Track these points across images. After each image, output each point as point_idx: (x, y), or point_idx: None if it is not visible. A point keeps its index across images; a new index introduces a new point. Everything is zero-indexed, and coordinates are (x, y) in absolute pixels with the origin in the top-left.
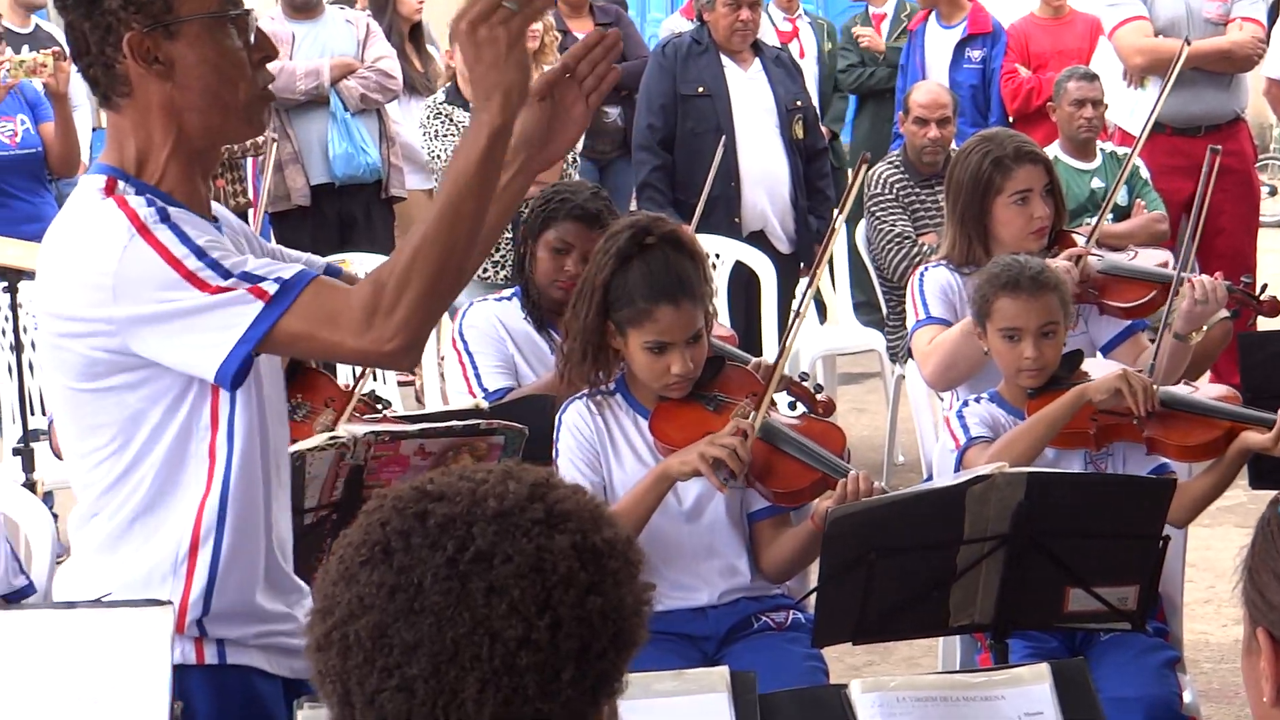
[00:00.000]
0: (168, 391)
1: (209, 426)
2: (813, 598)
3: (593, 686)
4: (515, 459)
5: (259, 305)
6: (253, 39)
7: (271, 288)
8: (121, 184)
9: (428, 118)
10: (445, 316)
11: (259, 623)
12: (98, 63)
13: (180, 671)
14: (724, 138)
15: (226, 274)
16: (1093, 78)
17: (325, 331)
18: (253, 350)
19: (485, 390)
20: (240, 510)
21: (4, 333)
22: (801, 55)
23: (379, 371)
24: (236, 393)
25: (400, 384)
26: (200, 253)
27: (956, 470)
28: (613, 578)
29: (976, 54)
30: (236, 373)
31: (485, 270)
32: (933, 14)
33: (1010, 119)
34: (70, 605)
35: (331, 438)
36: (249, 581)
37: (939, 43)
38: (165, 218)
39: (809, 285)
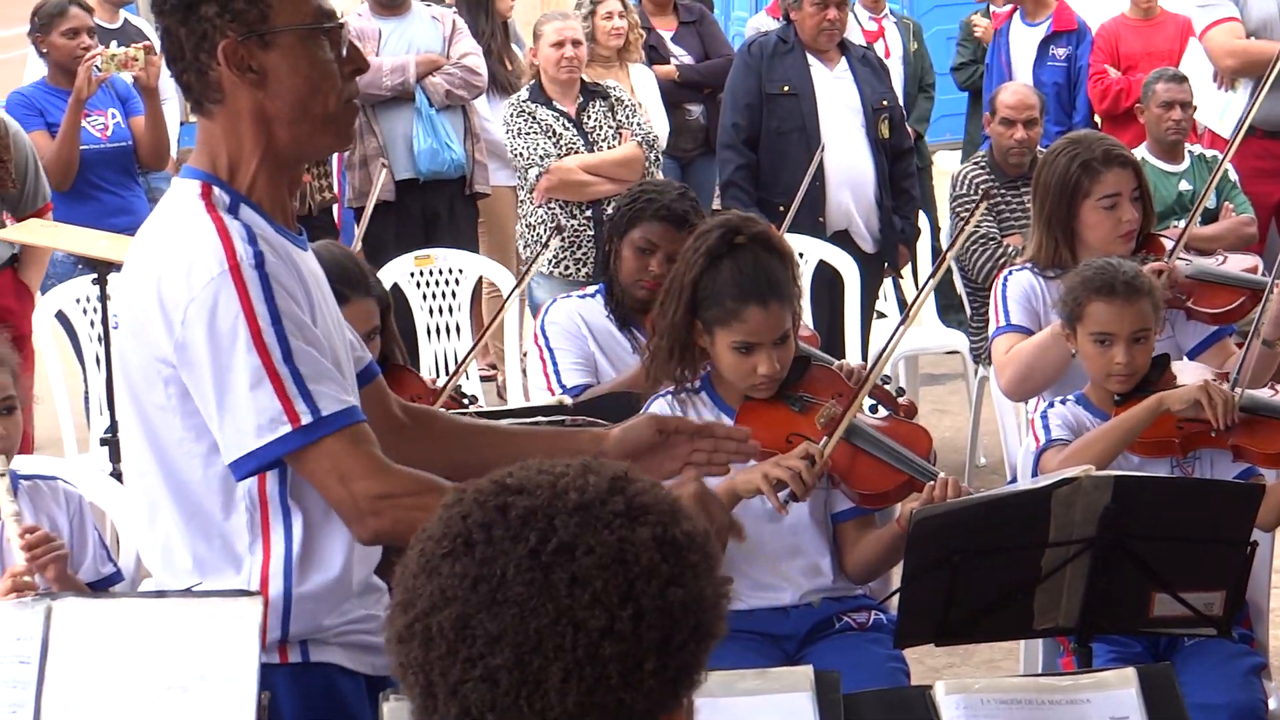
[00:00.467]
0: None
1: None
2: (895, 598)
3: (674, 678)
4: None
5: (287, 428)
6: (344, 52)
7: (305, 416)
8: (217, 190)
9: (511, 115)
10: (528, 312)
11: (340, 622)
12: (191, 68)
13: (264, 670)
14: (821, 147)
15: (287, 355)
16: (1182, 79)
17: (331, 478)
18: (266, 466)
19: (564, 387)
20: (309, 532)
21: (92, 324)
22: (887, 55)
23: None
24: None
25: (483, 379)
26: (276, 318)
27: (1033, 471)
28: (693, 570)
29: (1061, 52)
30: (248, 474)
31: (568, 268)
32: (1018, 12)
33: (1095, 118)
34: (160, 594)
35: None
36: (326, 595)
37: (1023, 41)
38: (260, 264)
39: (911, 307)
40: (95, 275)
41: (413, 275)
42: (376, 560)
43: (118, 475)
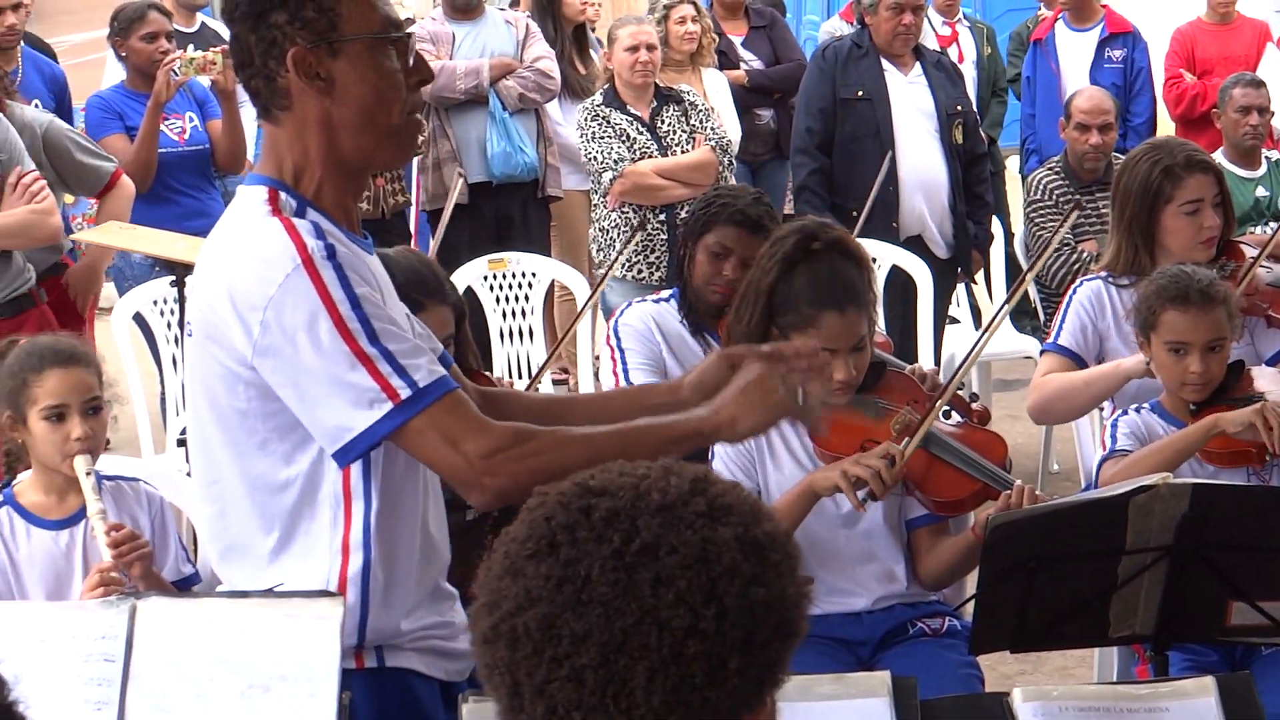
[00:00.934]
0: (298, 428)
1: (341, 467)
2: (969, 605)
3: (758, 676)
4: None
5: (388, 405)
6: (411, 62)
7: (404, 391)
8: (283, 196)
9: (585, 119)
10: (601, 315)
11: (415, 628)
12: (260, 75)
13: (341, 675)
14: (890, 151)
15: (374, 337)
16: (1259, 84)
17: (440, 447)
18: (372, 446)
19: (630, 385)
20: (387, 534)
21: (169, 325)
22: (960, 60)
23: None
24: None
25: (555, 382)
26: (356, 303)
27: (1094, 480)
28: (774, 570)
29: (1117, 54)
30: (355, 458)
31: (641, 271)
32: (1060, 19)
33: (1156, 120)
34: (243, 595)
35: None
36: (401, 597)
37: (1074, 46)
38: (331, 255)
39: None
40: (173, 277)
41: (486, 279)
42: (447, 564)
43: None
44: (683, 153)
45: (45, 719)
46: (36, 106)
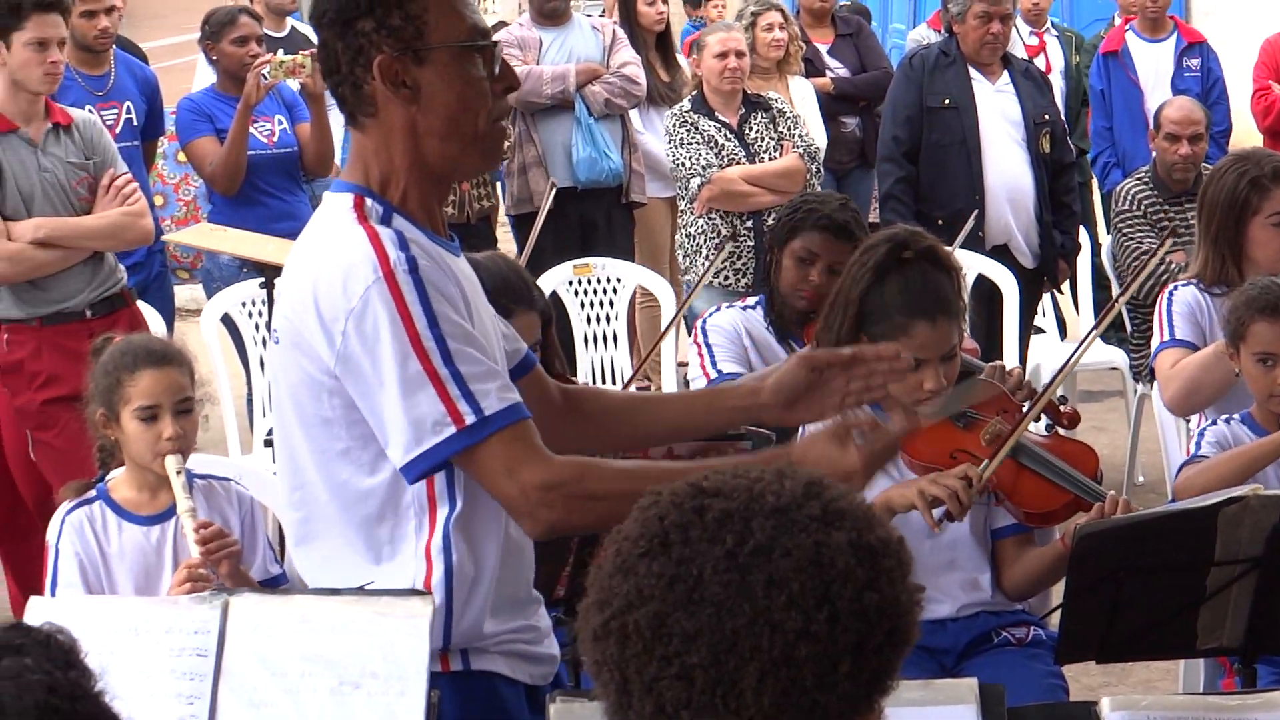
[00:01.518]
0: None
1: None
2: (1054, 614)
3: (868, 681)
4: None
5: (452, 429)
6: (496, 70)
7: (469, 417)
8: (369, 202)
9: (673, 125)
10: (682, 323)
11: (499, 632)
12: (347, 81)
13: (430, 674)
14: (976, 212)
15: (447, 358)
16: None
17: (499, 475)
18: (434, 468)
19: (719, 372)
20: (471, 539)
21: (257, 327)
22: (1048, 69)
23: (620, 374)
24: None
25: (638, 388)
26: (433, 321)
27: (1173, 482)
28: (887, 575)
29: (1194, 63)
30: (419, 477)
31: (728, 278)
32: (1129, 31)
33: (1228, 129)
34: (334, 592)
35: None
36: (486, 606)
37: (1151, 57)
38: (414, 269)
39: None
40: (262, 279)
41: (571, 284)
42: (532, 569)
43: None
44: (770, 160)
45: (137, 712)
46: (129, 109)
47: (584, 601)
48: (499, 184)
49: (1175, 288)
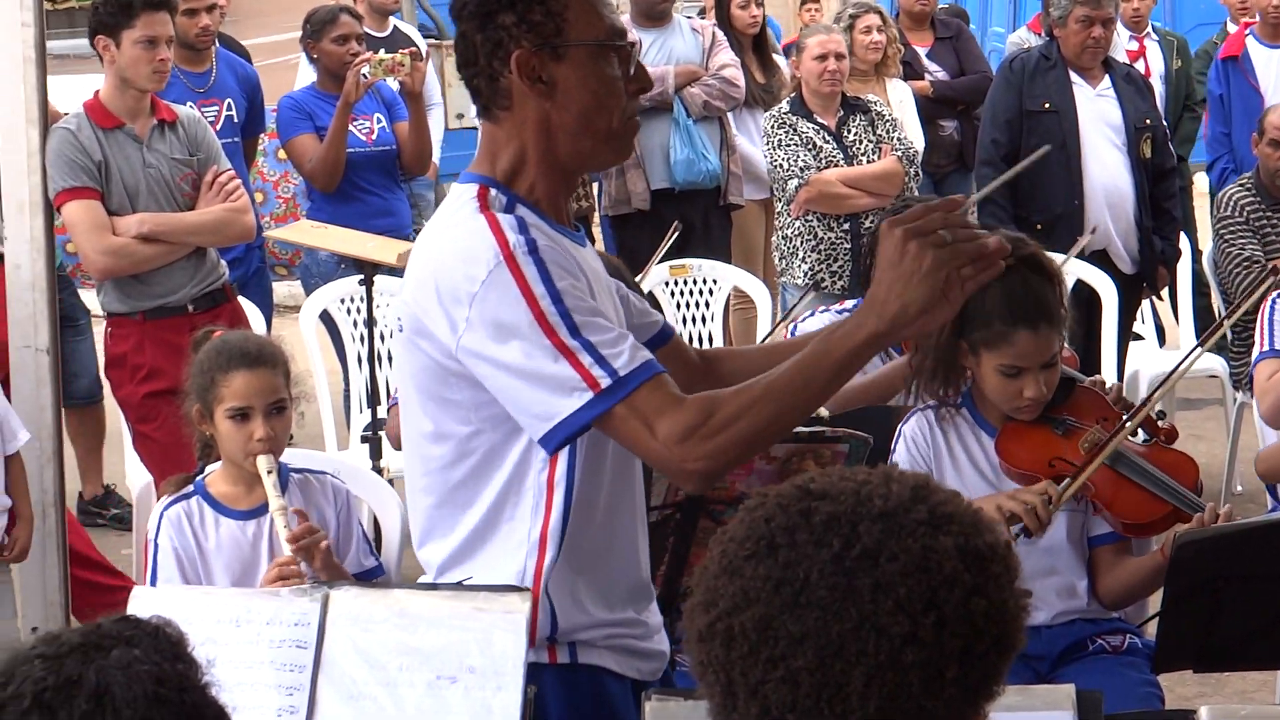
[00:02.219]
0: (509, 418)
1: (548, 458)
2: (1150, 623)
3: (974, 687)
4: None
5: (589, 395)
6: (632, 70)
7: (604, 380)
8: (493, 192)
9: (771, 127)
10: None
11: (608, 627)
12: (483, 74)
13: (533, 669)
14: (1076, 206)
15: (574, 330)
16: None
17: (641, 433)
18: (575, 434)
19: None
20: (584, 529)
21: (355, 324)
22: (1148, 73)
23: None
24: None
25: None
26: (557, 297)
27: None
28: (995, 581)
29: None
30: (559, 446)
31: (824, 280)
32: (1249, 36)
33: None
34: (433, 587)
35: None
36: (594, 598)
37: (1271, 63)
38: (533, 250)
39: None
40: (361, 276)
41: (667, 284)
42: (646, 564)
43: (378, 471)
44: (868, 162)
45: (238, 702)
46: (230, 106)
47: (689, 602)
48: (596, 184)
49: (1278, 296)
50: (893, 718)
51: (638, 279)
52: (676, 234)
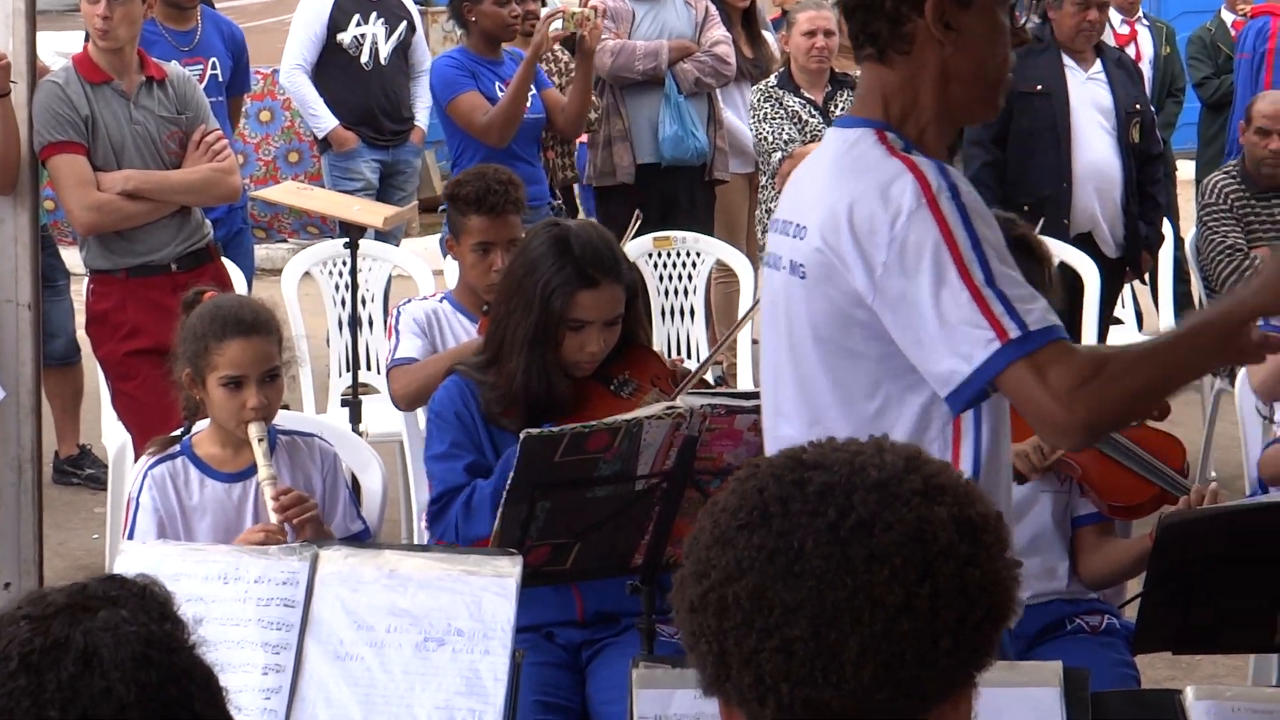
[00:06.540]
0: (912, 370)
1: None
2: (1129, 604)
3: (967, 657)
4: None
5: (997, 345)
6: (1020, 22)
7: (1014, 331)
8: (891, 136)
9: (758, 100)
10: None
11: None
12: (887, 17)
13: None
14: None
15: (990, 279)
16: None
17: (1032, 381)
18: (983, 388)
19: None
20: (991, 477)
21: (337, 288)
22: (1138, 58)
23: (696, 349)
24: None
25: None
26: (976, 242)
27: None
28: (988, 551)
29: None
30: (965, 405)
31: None
32: None
33: None
34: (423, 549)
35: (669, 408)
36: None
37: None
38: (956, 194)
39: None
40: (347, 240)
41: (650, 256)
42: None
43: (358, 434)
44: None
45: (224, 659)
46: (214, 65)
47: (679, 573)
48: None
49: None
50: (886, 687)
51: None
52: (639, 222)
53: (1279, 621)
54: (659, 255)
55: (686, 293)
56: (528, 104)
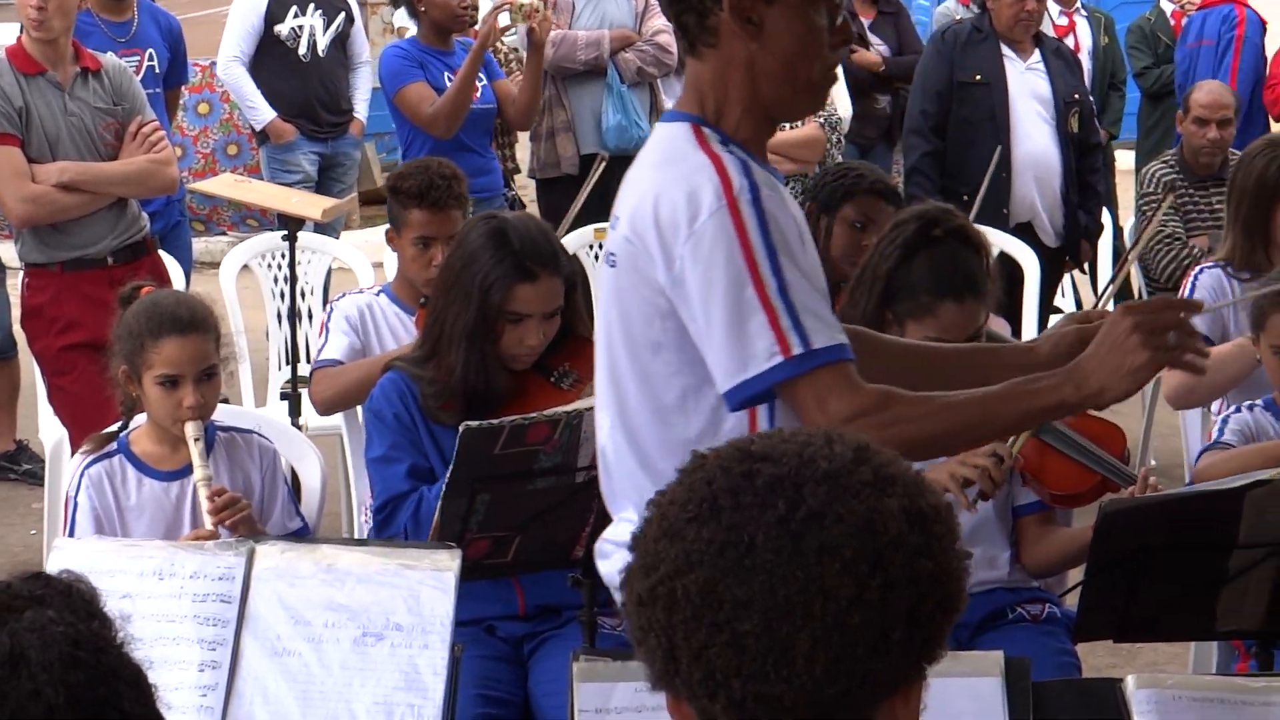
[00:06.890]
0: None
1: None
2: (1070, 593)
3: (918, 649)
4: None
5: (779, 358)
6: (836, 23)
7: (797, 347)
8: (707, 131)
9: None
10: None
11: None
12: (693, 10)
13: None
14: (1000, 146)
15: (783, 289)
16: None
17: (811, 405)
18: (761, 394)
19: None
20: None
21: (276, 280)
22: (1077, 49)
23: None
24: None
25: None
26: (772, 252)
27: (1193, 469)
28: (939, 542)
29: None
30: (740, 404)
31: None
32: None
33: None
34: (361, 542)
35: None
36: None
37: None
38: (756, 199)
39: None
40: (285, 232)
41: (591, 247)
42: None
43: (298, 429)
44: (791, 129)
45: (159, 656)
46: (151, 56)
47: (626, 565)
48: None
49: (1201, 270)
50: (838, 680)
51: (564, 223)
52: (604, 164)
53: (1220, 608)
54: (600, 246)
55: None
56: (476, 95)
